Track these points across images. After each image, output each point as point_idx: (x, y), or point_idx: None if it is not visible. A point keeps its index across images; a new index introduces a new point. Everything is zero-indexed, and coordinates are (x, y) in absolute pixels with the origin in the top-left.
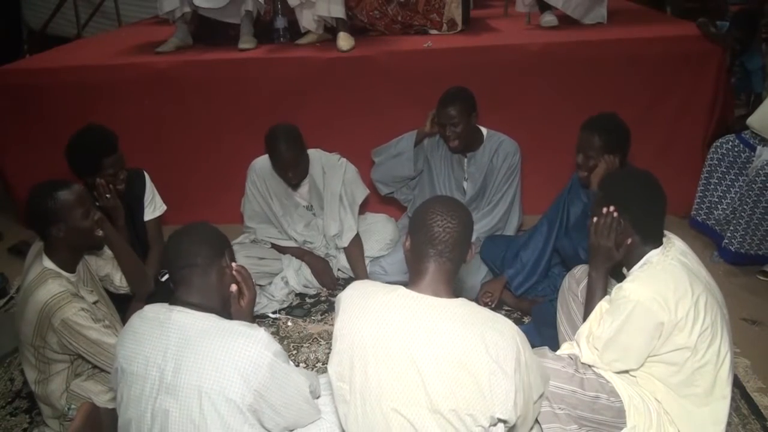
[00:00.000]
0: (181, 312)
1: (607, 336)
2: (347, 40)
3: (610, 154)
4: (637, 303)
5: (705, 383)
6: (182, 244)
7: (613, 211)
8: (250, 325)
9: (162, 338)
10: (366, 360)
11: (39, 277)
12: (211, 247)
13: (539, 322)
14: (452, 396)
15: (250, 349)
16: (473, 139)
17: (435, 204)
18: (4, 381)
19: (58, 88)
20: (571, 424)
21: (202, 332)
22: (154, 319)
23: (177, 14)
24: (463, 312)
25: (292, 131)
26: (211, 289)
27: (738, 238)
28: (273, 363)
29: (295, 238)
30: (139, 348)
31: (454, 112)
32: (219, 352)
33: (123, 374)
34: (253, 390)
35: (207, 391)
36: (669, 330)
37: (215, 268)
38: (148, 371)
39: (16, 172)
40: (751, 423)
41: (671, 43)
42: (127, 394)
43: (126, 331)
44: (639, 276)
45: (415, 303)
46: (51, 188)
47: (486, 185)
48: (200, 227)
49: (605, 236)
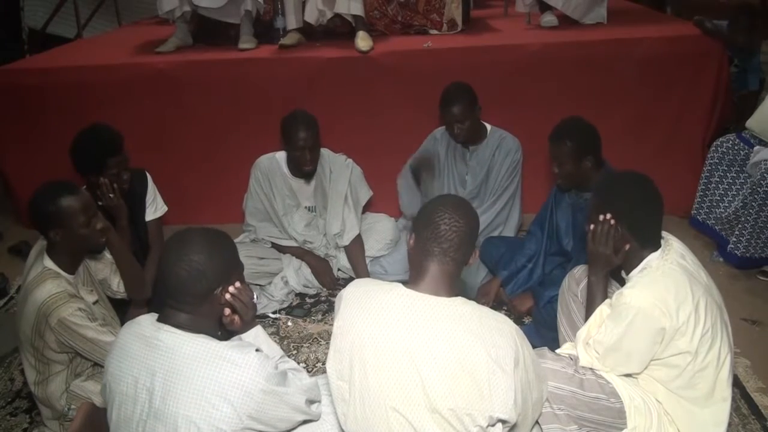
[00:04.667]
0: (168, 332)
1: (609, 342)
2: (366, 40)
3: (582, 158)
4: (639, 309)
5: (705, 385)
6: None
7: (610, 218)
8: (240, 349)
9: (149, 359)
10: (365, 359)
11: (38, 277)
12: (211, 279)
13: (539, 324)
14: (451, 395)
15: (240, 376)
16: (477, 131)
17: (443, 202)
18: (4, 381)
19: (58, 88)
20: (571, 425)
21: (190, 358)
22: (142, 337)
23: (177, 14)
24: (462, 311)
25: (309, 114)
26: (202, 316)
27: (744, 242)
28: (265, 389)
29: (296, 238)
30: (126, 367)
31: (458, 110)
32: (206, 382)
33: (111, 393)
34: (246, 415)
35: (195, 420)
36: (671, 335)
37: (210, 299)
38: (138, 393)
39: (16, 172)
40: (751, 423)
41: (671, 43)
42: (117, 414)
43: (115, 347)
44: (639, 281)
45: (414, 302)
46: (55, 192)
47: (487, 180)
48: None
49: (603, 243)
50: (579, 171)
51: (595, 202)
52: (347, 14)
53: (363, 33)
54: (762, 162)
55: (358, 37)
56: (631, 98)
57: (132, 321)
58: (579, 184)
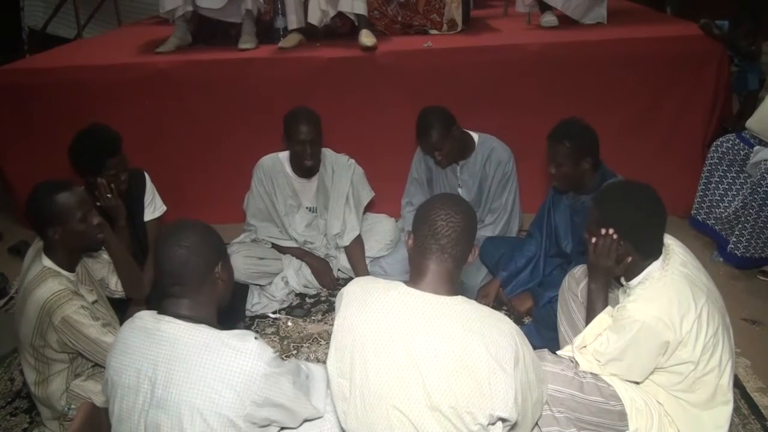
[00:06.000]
0: (170, 323)
1: (611, 353)
2: (370, 37)
3: (580, 160)
4: (643, 324)
5: (707, 390)
6: (173, 260)
7: (613, 233)
8: (240, 336)
9: (151, 350)
10: (366, 357)
11: (39, 276)
12: (204, 262)
13: (539, 324)
14: (451, 393)
15: (241, 363)
16: (463, 147)
17: (439, 200)
18: (4, 381)
19: (58, 88)
20: (571, 428)
21: (191, 346)
22: (143, 330)
23: (178, 13)
24: (462, 310)
25: (311, 110)
26: (201, 303)
27: (744, 243)
28: (267, 372)
29: (296, 238)
30: (129, 360)
31: (435, 138)
32: (209, 368)
33: (113, 387)
34: (250, 401)
35: (198, 407)
36: (674, 347)
37: (207, 284)
38: (140, 383)
39: (16, 172)
40: (751, 423)
41: (671, 43)
42: (119, 407)
43: (116, 342)
44: (642, 295)
45: (414, 300)
46: (51, 190)
47: (480, 193)
48: (193, 235)
49: (605, 256)
50: (576, 172)
51: (597, 215)
52: (350, 13)
53: (366, 31)
54: (762, 162)
55: (362, 34)
56: (631, 98)
57: (133, 317)
58: (576, 187)
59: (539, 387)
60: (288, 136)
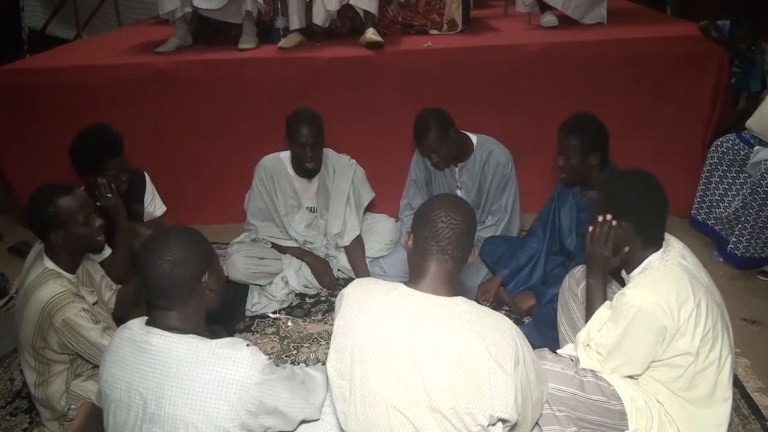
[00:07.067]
0: (158, 336)
1: (611, 343)
2: (377, 34)
3: (588, 154)
4: (640, 309)
5: (706, 386)
6: (157, 275)
7: (611, 219)
8: (232, 345)
9: (141, 364)
10: (366, 357)
11: (40, 277)
12: (189, 274)
13: (540, 323)
14: (452, 394)
15: (233, 373)
16: (461, 150)
17: (439, 201)
18: (4, 381)
19: (58, 88)
20: (571, 426)
21: (182, 360)
22: (132, 342)
23: (177, 14)
24: (462, 310)
25: (314, 112)
26: (189, 314)
27: (744, 243)
28: (260, 381)
29: (296, 238)
30: (120, 373)
31: (432, 140)
32: (201, 382)
33: (106, 399)
34: (245, 411)
35: (193, 421)
36: (672, 335)
37: (195, 295)
38: (131, 399)
39: (16, 172)
40: (751, 423)
41: (671, 43)
42: (113, 421)
43: (108, 352)
44: (641, 282)
45: (415, 301)
46: (52, 194)
47: (480, 194)
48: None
49: (602, 245)
50: (584, 166)
51: (601, 199)
52: (360, 8)
53: (374, 29)
54: (762, 162)
55: (369, 32)
56: (631, 98)
57: (123, 326)
58: (582, 181)
59: (539, 387)
60: (290, 138)
